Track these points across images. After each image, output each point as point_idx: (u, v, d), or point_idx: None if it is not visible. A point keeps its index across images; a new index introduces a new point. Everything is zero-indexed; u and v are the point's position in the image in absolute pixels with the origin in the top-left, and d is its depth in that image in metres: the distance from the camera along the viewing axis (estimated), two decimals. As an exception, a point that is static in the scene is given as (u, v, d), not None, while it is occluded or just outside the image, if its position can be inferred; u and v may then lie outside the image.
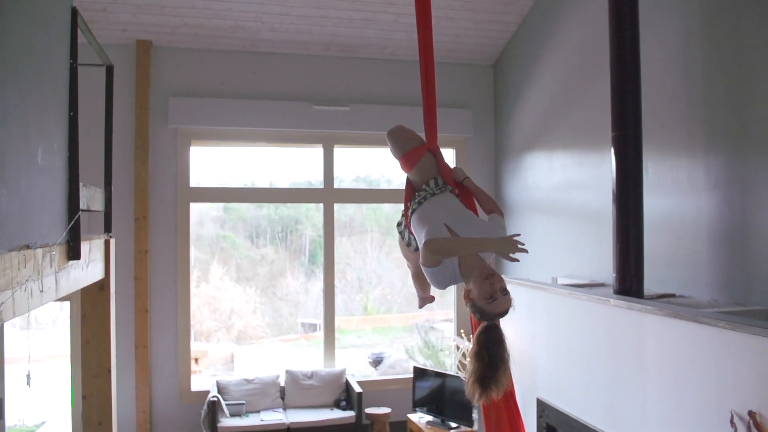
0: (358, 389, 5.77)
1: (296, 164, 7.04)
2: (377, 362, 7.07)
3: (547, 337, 4.41)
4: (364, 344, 8.53)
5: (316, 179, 6.62)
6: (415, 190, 2.76)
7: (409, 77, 6.13)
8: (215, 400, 5.46)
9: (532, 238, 5.83)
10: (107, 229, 4.09)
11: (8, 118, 2.19)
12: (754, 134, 3.40)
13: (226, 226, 8.90)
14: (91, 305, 3.92)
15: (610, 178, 3.87)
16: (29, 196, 2.43)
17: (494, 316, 2.25)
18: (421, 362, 6.45)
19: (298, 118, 6.09)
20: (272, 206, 8.81)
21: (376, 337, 8.87)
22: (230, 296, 8.77)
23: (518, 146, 6.15)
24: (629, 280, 3.69)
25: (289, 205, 8.61)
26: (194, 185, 6.10)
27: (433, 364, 6.41)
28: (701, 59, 3.78)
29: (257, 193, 6.78)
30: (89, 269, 3.45)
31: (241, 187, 6.81)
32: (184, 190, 5.99)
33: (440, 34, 3.13)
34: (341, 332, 8.21)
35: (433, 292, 2.97)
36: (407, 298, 8.92)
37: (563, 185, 5.34)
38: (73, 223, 2.97)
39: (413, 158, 2.75)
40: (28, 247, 2.38)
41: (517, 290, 4.30)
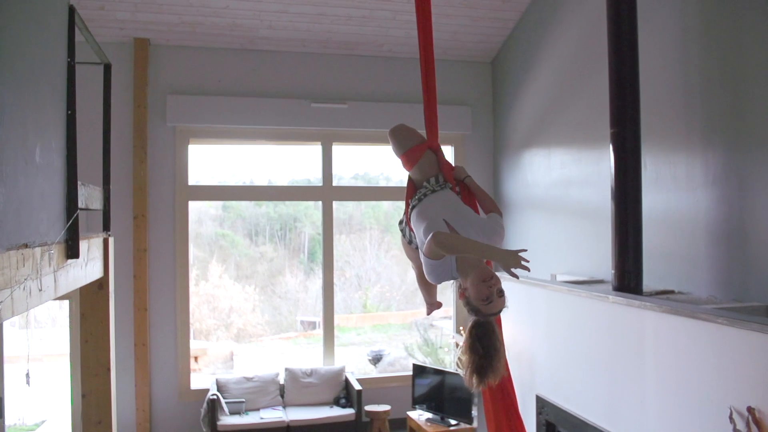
0: (357, 387, 5.77)
1: (295, 162, 7.04)
2: (376, 360, 7.08)
3: (546, 334, 4.41)
4: (363, 342, 8.55)
5: (314, 177, 6.61)
6: (416, 187, 2.79)
7: (406, 74, 6.14)
8: (215, 398, 5.47)
9: (530, 235, 5.84)
10: (106, 227, 4.09)
11: (6, 117, 2.19)
12: (752, 130, 3.41)
13: (224, 224, 8.91)
14: (90, 304, 3.92)
15: (608, 174, 3.87)
16: (27, 194, 2.42)
17: (488, 315, 2.33)
18: (420, 359, 6.45)
19: (296, 115, 6.08)
20: (271, 204, 8.82)
21: (375, 334, 8.88)
22: (229, 294, 8.78)
23: (517, 143, 6.15)
24: (628, 276, 3.70)
25: (287, 203, 8.63)
26: (193, 183, 6.09)
27: (432, 361, 6.41)
28: (699, 55, 3.78)
29: (256, 191, 6.78)
30: (88, 268, 3.45)
31: (239, 185, 6.81)
32: (182, 188, 5.98)
33: (438, 31, 3.13)
34: (340, 330, 8.22)
35: (439, 297, 3.00)
36: (406, 295, 8.93)
37: (562, 182, 5.34)
38: (71, 221, 2.97)
39: (414, 156, 2.78)
40: (26, 246, 2.38)
41: (516, 287, 4.31)
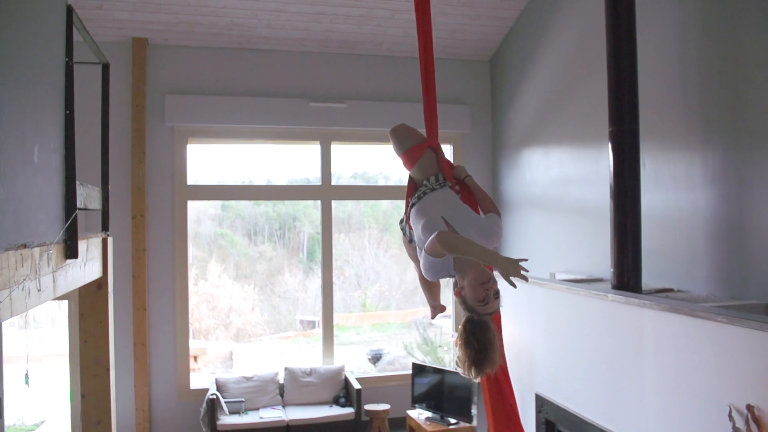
0: (357, 386, 5.77)
1: (294, 161, 7.03)
2: (376, 359, 7.08)
3: (545, 332, 4.41)
4: (362, 341, 8.55)
5: (313, 176, 6.61)
6: (416, 186, 2.81)
7: (405, 73, 6.13)
8: (214, 397, 5.47)
9: (529, 233, 5.85)
10: (105, 227, 4.08)
11: (4, 117, 2.19)
12: (751, 129, 3.41)
13: (223, 223, 8.91)
14: (89, 304, 3.92)
15: (607, 173, 3.87)
16: (26, 195, 2.42)
17: (483, 315, 2.38)
18: (419, 358, 6.45)
19: (295, 115, 6.07)
20: (270, 203, 8.82)
21: (374, 333, 8.89)
22: (228, 294, 8.78)
23: (515, 142, 6.15)
24: (627, 275, 3.70)
25: (286, 202, 8.63)
26: (191, 183, 6.08)
27: (431, 360, 6.41)
28: (698, 54, 3.78)
29: (255, 190, 6.77)
30: (87, 268, 3.45)
31: (238, 184, 6.81)
32: (181, 187, 5.98)
33: (437, 30, 3.13)
34: (340, 329, 8.23)
35: (442, 300, 3.01)
36: (405, 294, 8.94)
37: (560, 181, 5.34)
38: (70, 221, 2.97)
39: (414, 155, 2.81)
40: (25, 246, 2.38)
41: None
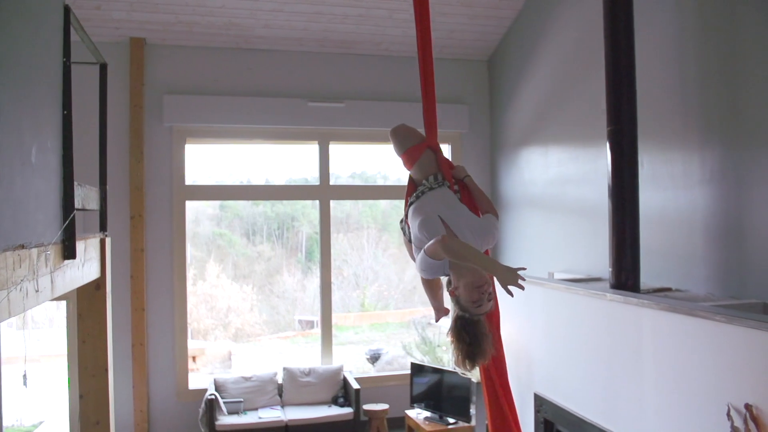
0: (355, 386, 5.77)
1: (292, 161, 7.03)
2: (375, 358, 7.08)
3: (543, 332, 4.42)
4: (361, 341, 8.55)
5: (312, 176, 6.61)
6: (416, 186, 2.84)
7: (403, 73, 6.13)
8: (213, 398, 5.46)
9: (528, 233, 5.85)
10: (103, 227, 4.08)
11: (2, 117, 2.18)
12: (748, 128, 3.41)
13: (222, 223, 8.90)
14: (87, 304, 3.91)
15: (605, 172, 3.88)
16: (24, 195, 2.42)
17: (476, 315, 2.41)
18: (418, 358, 6.45)
19: (293, 115, 6.07)
20: (268, 203, 8.81)
21: (373, 333, 8.88)
22: (227, 294, 8.77)
23: (513, 141, 6.15)
24: (625, 274, 3.70)
25: (285, 202, 8.62)
26: (190, 183, 6.07)
27: (430, 360, 6.41)
28: (696, 53, 3.79)
29: (253, 190, 6.77)
30: (85, 268, 3.44)
31: (236, 184, 6.80)
32: (179, 188, 5.97)
33: (435, 29, 3.13)
34: (338, 329, 8.23)
35: (446, 303, 3.01)
36: (404, 294, 8.93)
37: (559, 180, 5.34)
38: (68, 222, 2.96)
39: (414, 155, 2.83)
40: (23, 246, 2.37)
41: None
